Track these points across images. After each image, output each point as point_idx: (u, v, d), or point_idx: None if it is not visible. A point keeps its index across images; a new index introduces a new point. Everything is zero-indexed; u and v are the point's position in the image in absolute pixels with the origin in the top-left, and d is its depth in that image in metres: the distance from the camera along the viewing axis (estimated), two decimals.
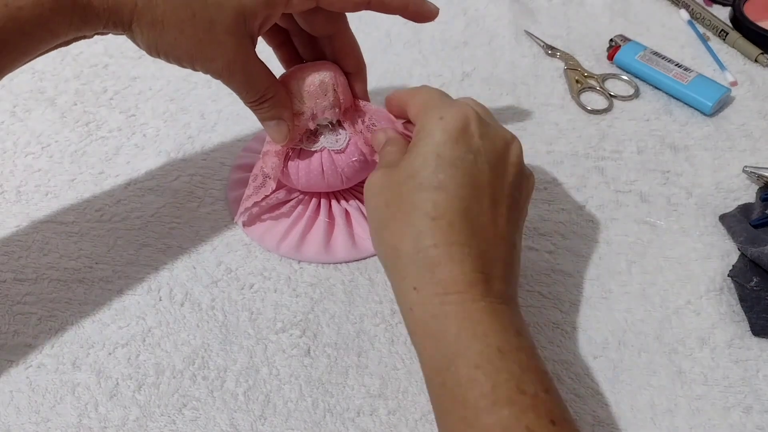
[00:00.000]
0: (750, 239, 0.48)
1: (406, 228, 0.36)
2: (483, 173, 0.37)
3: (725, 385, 0.42)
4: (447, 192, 0.36)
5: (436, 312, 0.34)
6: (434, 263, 0.35)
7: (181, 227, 0.50)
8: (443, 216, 0.35)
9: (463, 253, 0.35)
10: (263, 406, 0.41)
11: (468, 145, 0.37)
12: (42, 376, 0.42)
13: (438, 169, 0.36)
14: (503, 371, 0.33)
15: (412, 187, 0.36)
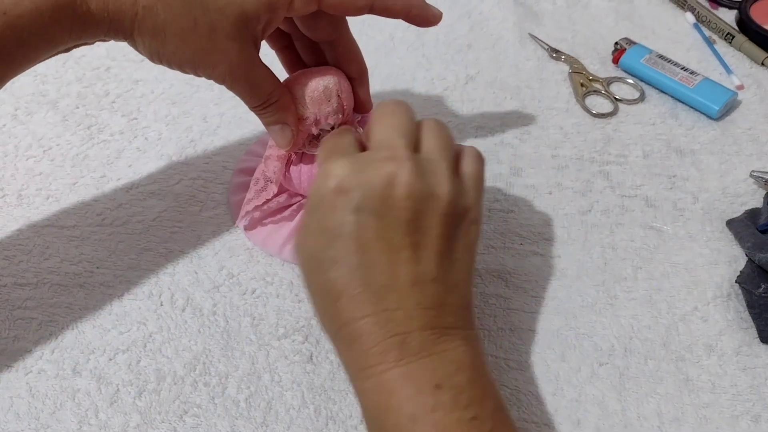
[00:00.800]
0: (758, 245, 0.47)
1: (322, 311, 0.36)
2: (369, 229, 0.34)
3: (733, 393, 0.42)
4: (340, 267, 0.34)
5: (359, 389, 0.34)
6: (349, 342, 0.34)
7: (183, 231, 0.49)
8: (343, 293, 0.34)
9: (371, 324, 0.33)
10: (265, 413, 0.41)
11: (347, 206, 0.34)
12: (42, 382, 0.42)
13: (327, 246, 0.34)
14: None
15: (313, 268, 0.35)
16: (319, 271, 0.35)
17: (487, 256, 0.48)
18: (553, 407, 0.41)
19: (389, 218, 0.34)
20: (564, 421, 0.41)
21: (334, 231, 0.34)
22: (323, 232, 0.34)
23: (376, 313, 0.33)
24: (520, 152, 0.55)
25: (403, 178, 0.34)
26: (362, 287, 0.34)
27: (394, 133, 0.36)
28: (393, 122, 0.37)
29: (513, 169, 0.54)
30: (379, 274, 0.34)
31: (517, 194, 0.52)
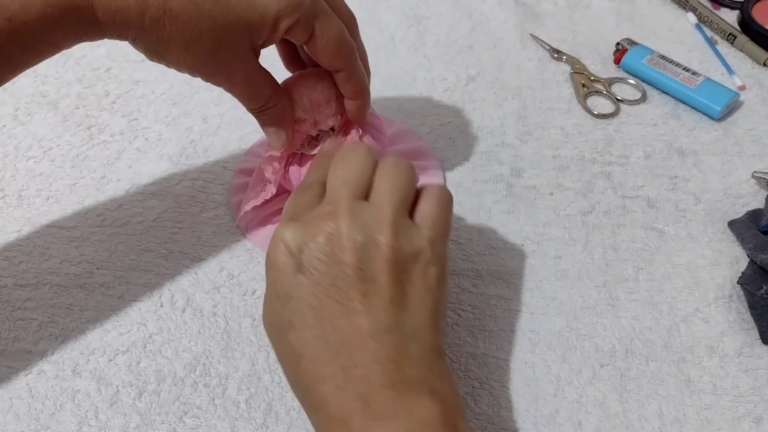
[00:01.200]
0: (759, 246, 0.47)
1: (288, 377, 0.35)
2: (318, 286, 0.33)
3: (735, 394, 0.42)
4: (297, 328, 0.33)
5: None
6: (315, 407, 0.33)
7: (183, 232, 0.49)
8: (302, 356, 0.33)
9: (331, 386, 0.32)
10: (265, 414, 0.41)
11: (296, 268, 0.34)
12: (42, 383, 0.42)
13: (283, 310, 0.34)
14: None
15: (277, 336, 0.35)
16: (279, 336, 0.35)
17: (488, 256, 0.48)
18: (554, 408, 0.41)
19: (335, 273, 0.33)
20: (565, 423, 0.41)
21: (286, 294, 0.34)
22: (278, 296, 0.34)
23: (334, 373, 0.32)
24: (521, 153, 0.55)
25: (342, 231, 0.34)
26: (319, 347, 0.33)
27: (341, 185, 0.36)
28: (343, 172, 0.37)
29: (514, 170, 0.54)
30: (333, 331, 0.33)
31: (518, 195, 0.52)
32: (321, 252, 0.34)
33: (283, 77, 0.44)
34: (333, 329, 0.33)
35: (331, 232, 0.34)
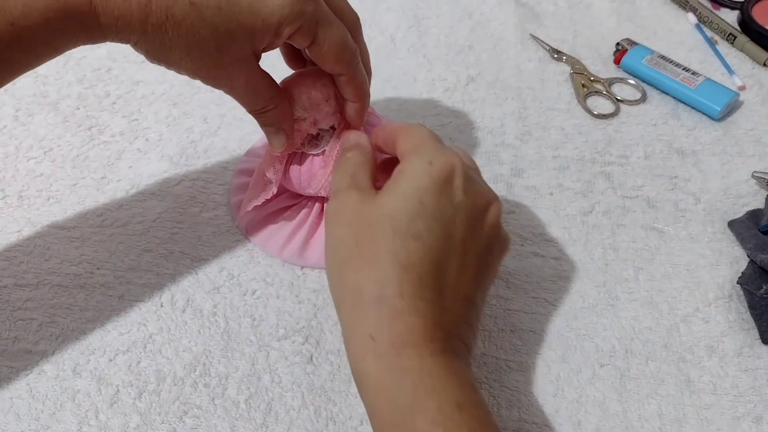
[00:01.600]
0: (759, 246, 0.47)
1: (374, 272, 0.35)
2: (459, 230, 0.36)
3: (734, 394, 0.42)
4: (422, 243, 0.35)
5: (393, 364, 0.33)
6: (397, 314, 0.34)
7: (183, 232, 0.49)
8: (414, 268, 0.34)
9: (427, 309, 0.34)
10: (265, 414, 0.41)
11: (450, 198, 0.36)
12: (42, 383, 0.42)
13: (417, 218, 0.35)
14: (462, 427, 0.32)
15: (388, 229, 0.35)
16: (394, 236, 0.35)
17: None
18: (554, 408, 0.41)
19: (474, 234, 0.37)
20: (565, 422, 0.41)
21: (429, 210, 0.35)
22: (418, 204, 0.35)
23: (435, 302, 0.34)
24: (521, 153, 0.55)
25: (494, 213, 0.38)
26: (433, 273, 0.35)
27: (479, 177, 0.39)
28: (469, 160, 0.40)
29: (514, 170, 0.54)
30: (448, 273, 0.35)
31: (518, 195, 0.52)
32: (477, 210, 0.37)
33: (285, 74, 0.44)
34: (447, 272, 0.35)
35: (488, 204, 0.38)
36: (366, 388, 0.34)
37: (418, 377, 0.33)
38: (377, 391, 0.33)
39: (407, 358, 0.33)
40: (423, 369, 0.33)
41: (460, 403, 0.32)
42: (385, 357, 0.33)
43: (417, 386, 0.32)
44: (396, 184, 0.36)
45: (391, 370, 0.33)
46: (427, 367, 0.33)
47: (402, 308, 0.34)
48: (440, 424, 0.32)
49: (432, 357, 0.33)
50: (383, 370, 0.33)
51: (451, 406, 0.32)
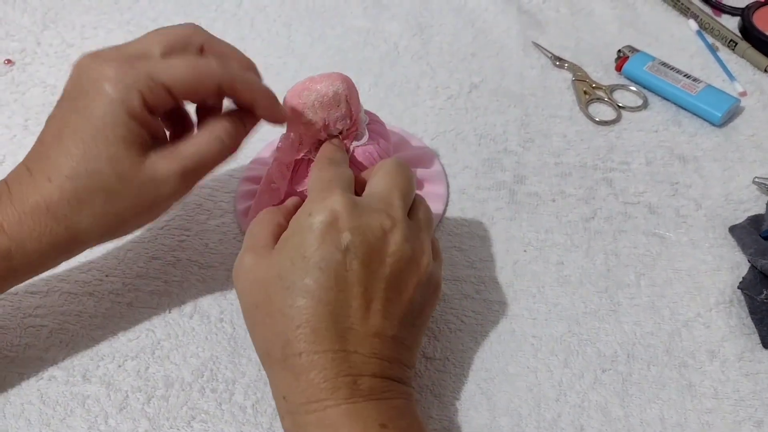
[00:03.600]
0: (760, 251, 0.48)
1: (274, 334, 0.35)
2: (352, 272, 0.35)
3: (736, 398, 0.42)
4: (312, 297, 0.35)
5: (301, 421, 0.34)
6: (300, 372, 0.34)
7: (191, 240, 0.50)
8: (308, 323, 0.34)
9: (326, 359, 0.34)
10: (271, 419, 0.41)
11: (335, 243, 0.35)
12: (52, 389, 0.42)
13: (304, 273, 0.35)
14: None
15: (279, 289, 0.35)
16: (285, 295, 0.35)
17: (491, 263, 0.49)
18: (556, 413, 0.42)
19: (373, 269, 0.36)
20: (567, 427, 0.41)
21: (314, 262, 0.35)
22: (302, 259, 0.35)
23: (334, 351, 0.34)
24: (524, 160, 0.56)
25: (396, 238, 0.36)
26: (328, 323, 0.35)
27: (395, 193, 0.38)
28: (396, 182, 0.39)
29: (516, 177, 0.54)
30: (348, 317, 0.35)
31: (520, 201, 0.53)
32: (369, 245, 0.36)
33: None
34: (350, 315, 0.35)
35: (385, 232, 0.36)
36: None
37: (321, 430, 0.34)
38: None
39: (311, 414, 0.34)
40: (325, 422, 0.34)
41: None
42: (296, 415, 0.35)
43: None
44: (284, 241, 0.37)
45: (299, 427, 0.35)
46: (329, 420, 0.34)
47: (302, 365, 0.34)
48: None
49: (336, 408, 0.34)
50: (295, 428, 0.35)
51: None
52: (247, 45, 0.46)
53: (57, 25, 0.67)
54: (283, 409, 0.36)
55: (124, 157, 0.37)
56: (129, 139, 0.37)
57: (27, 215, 0.37)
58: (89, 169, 0.37)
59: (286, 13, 0.69)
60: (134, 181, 0.38)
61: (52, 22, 0.67)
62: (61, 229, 0.37)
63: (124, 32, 0.66)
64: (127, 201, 0.38)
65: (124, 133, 0.37)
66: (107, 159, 0.37)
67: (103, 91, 0.37)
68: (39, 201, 0.37)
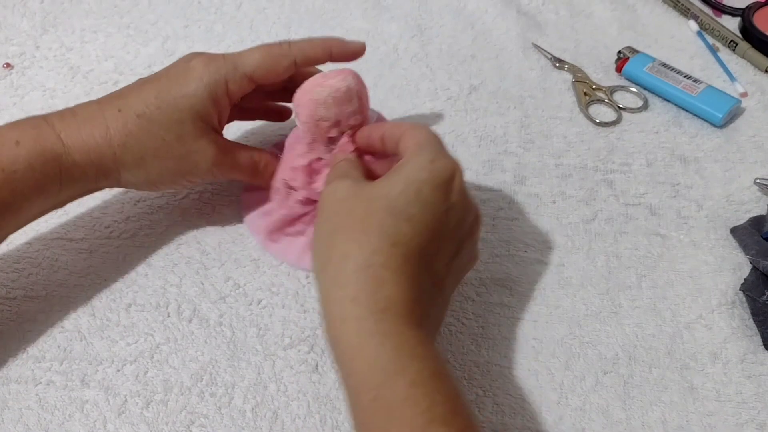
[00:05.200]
0: (762, 252, 0.47)
1: (363, 241, 0.36)
2: (448, 229, 0.37)
3: (738, 400, 0.42)
4: (414, 227, 0.36)
5: (373, 328, 0.34)
6: (381, 282, 0.35)
7: (189, 244, 0.50)
8: (403, 245, 0.35)
9: (408, 285, 0.35)
10: (271, 423, 0.41)
11: (446, 197, 0.37)
12: (51, 393, 0.42)
13: (414, 203, 0.36)
14: (440, 392, 0.33)
15: (383, 207, 0.36)
16: (387, 215, 0.36)
17: (491, 264, 0.49)
18: (557, 416, 0.41)
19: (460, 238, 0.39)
20: (568, 430, 0.41)
21: (424, 200, 0.37)
22: (416, 192, 0.37)
23: (416, 281, 0.36)
24: (524, 161, 0.56)
25: (477, 227, 0.41)
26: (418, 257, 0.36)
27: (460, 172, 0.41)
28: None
29: (517, 178, 0.54)
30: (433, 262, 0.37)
31: (521, 203, 0.53)
32: (465, 219, 0.39)
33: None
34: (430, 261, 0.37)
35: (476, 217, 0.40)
36: (344, 352, 0.35)
37: (398, 342, 0.34)
38: (356, 354, 0.34)
39: (388, 324, 0.34)
40: (403, 336, 0.34)
41: (437, 370, 0.33)
42: (366, 321, 0.34)
43: (397, 351, 0.33)
44: (397, 173, 0.38)
45: (372, 334, 0.34)
46: (407, 336, 0.34)
47: (386, 278, 0.35)
48: (419, 387, 0.32)
49: (410, 328, 0.34)
50: (364, 333, 0.34)
51: (429, 372, 0.33)
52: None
53: (56, 29, 0.67)
54: (347, 312, 0.35)
55: (189, 125, 0.43)
56: (200, 115, 0.44)
57: (85, 131, 0.42)
58: (158, 120, 0.43)
59: (285, 15, 0.69)
60: (186, 148, 0.44)
61: (51, 26, 0.67)
62: (109, 154, 0.42)
63: (123, 36, 0.66)
64: (171, 162, 0.44)
65: (199, 108, 0.43)
66: (176, 120, 0.43)
67: (196, 73, 0.44)
68: (102, 123, 0.42)
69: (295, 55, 0.45)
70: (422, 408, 0.32)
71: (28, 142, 0.41)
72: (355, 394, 0.34)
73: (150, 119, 0.43)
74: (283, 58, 0.45)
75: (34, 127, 0.42)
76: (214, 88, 0.44)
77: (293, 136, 0.47)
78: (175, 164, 0.44)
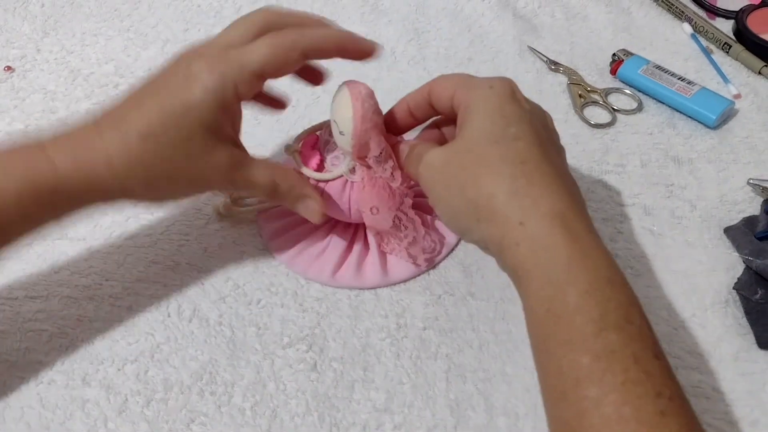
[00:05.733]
0: (755, 252, 0.48)
1: (497, 175, 0.37)
2: (539, 129, 0.39)
3: (731, 398, 0.42)
4: (525, 140, 0.38)
5: (546, 242, 0.35)
6: (537, 197, 0.36)
7: (190, 244, 0.50)
8: (530, 160, 0.37)
9: (559, 186, 0.37)
10: (270, 421, 0.42)
11: (521, 107, 0.39)
12: (52, 392, 0.43)
13: (508, 125, 0.38)
14: (612, 300, 0.34)
15: (487, 144, 0.38)
16: (496, 143, 0.38)
17: (487, 265, 0.49)
18: None
19: (549, 135, 0.41)
20: None
21: (511, 115, 0.38)
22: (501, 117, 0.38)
23: (559, 184, 0.37)
24: None
25: (551, 118, 0.43)
26: (545, 161, 0.38)
27: None
28: None
29: None
30: (556, 160, 0.39)
31: None
32: (542, 114, 0.42)
33: None
34: (553, 160, 0.39)
35: (545, 111, 0.43)
36: (520, 272, 0.36)
37: (571, 252, 0.35)
38: (532, 270, 0.35)
39: (559, 235, 0.35)
40: (575, 244, 0.35)
41: (610, 278, 0.34)
42: (538, 238, 0.35)
43: (570, 261, 0.34)
44: (471, 114, 0.39)
45: (546, 248, 0.35)
46: (578, 243, 0.35)
47: (538, 191, 0.36)
48: (591, 295, 0.33)
49: (580, 233, 0.35)
50: (538, 250, 0.35)
51: (602, 280, 0.34)
52: None
53: (57, 33, 0.67)
54: (516, 237, 0.36)
55: (198, 141, 0.39)
56: (209, 128, 0.39)
57: (84, 157, 0.38)
58: (164, 139, 0.38)
59: None
60: (197, 167, 0.40)
61: (52, 29, 0.68)
62: (111, 181, 0.39)
63: (124, 39, 0.67)
64: (182, 182, 0.41)
65: (207, 120, 0.39)
66: (184, 137, 0.39)
67: (200, 80, 0.38)
68: (101, 149, 0.38)
69: (304, 47, 0.40)
70: (593, 316, 0.33)
71: (17, 172, 0.37)
72: (531, 311, 0.36)
73: (155, 140, 0.38)
74: (292, 51, 0.40)
75: (25, 154, 0.38)
76: (222, 94, 0.39)
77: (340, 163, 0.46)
78: (186, 184, 0.41)
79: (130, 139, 0.38)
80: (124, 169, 0.38)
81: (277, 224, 0.50)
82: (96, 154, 0.38)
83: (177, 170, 0.39)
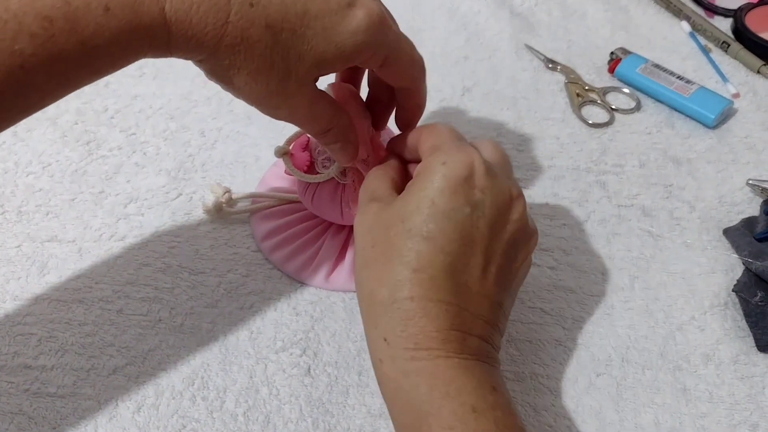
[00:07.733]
0: (754, 253, 0.47)
1: (386, 275, 0.34)
2: (477, 229, 0.35)
3: (731, 402, 0.42)
4: (434, 244, 0.34)
5: (406, 368, 0.33)
6: (408, 316, 0.33)
7: (181, 246, 0.50)
8: (425, 269, 0.34)
9: (440, 309, 0.34)
10: (263, 426, 0.41)
11: (467, 197, 0.35)
12: (42, 398, 0.42)
13: (429, 219, 0.34)
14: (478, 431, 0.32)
15: (401, 231, 0.35)
16: (406, 238, 0.34)
17: None
18: (551, 418, 0.41)
19: (495, 232, 0.36)
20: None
21: (442, 210, 0.34)
22: (430, 205, 0.34)
23: (448, 303, 0.34)
24: (517, 163, 0.55)
25: (519, 207, 0.37)
26: (447, 274, 0.34)
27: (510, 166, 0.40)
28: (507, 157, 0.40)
29: None
30: (465, 273, 0.35)
31: None
32: (498, 207, 0.36)
33: None
34: (464, 272, 0.35)
35: (511, 199, 0.37)
36: (385, 391, 0.35)
37: (432, 381, 0.33)
38: (394, 394, 0.34)
39: (420, 361, 0.33)
40: (436, 372, 0.33)
41: (475, 406, 0.32)
42: (399, 360, 0.33)
43: (431, 390, 0.32)
44: (411, 187, 0.36)
45: (406, 373, 0.33)
46: (440, 370, 0.33)
47: (412, 310, 0.33)
48: (455, 429, 0.32)
49: (446, 359, 0.33)
50: (398, 373, 0.33)
51: (466, 409, 0.32)
52: None
53: None
54: (381, 352, 0.34)
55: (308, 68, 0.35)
56: (324, 65, 0.36)
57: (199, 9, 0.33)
58: (284, 41, 0.34)
59: None
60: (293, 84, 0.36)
61: None
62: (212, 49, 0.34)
63: None
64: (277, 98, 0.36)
65: (329, 59, 0.35)
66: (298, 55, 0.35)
67: (357, 26, 0.35)
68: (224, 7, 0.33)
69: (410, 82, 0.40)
70: None
71: (121, 11, 0.32)
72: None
73: (276, 38, 0.34)
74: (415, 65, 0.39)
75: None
76: (362, 54, 0.36)
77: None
78: (260, 92, 0.36)
79: (255, 20, 0.33)
80: (230, 44, 0.34)
81: (270, 225, 0.50)
82: (213, 16, 0.33)
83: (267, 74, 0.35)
